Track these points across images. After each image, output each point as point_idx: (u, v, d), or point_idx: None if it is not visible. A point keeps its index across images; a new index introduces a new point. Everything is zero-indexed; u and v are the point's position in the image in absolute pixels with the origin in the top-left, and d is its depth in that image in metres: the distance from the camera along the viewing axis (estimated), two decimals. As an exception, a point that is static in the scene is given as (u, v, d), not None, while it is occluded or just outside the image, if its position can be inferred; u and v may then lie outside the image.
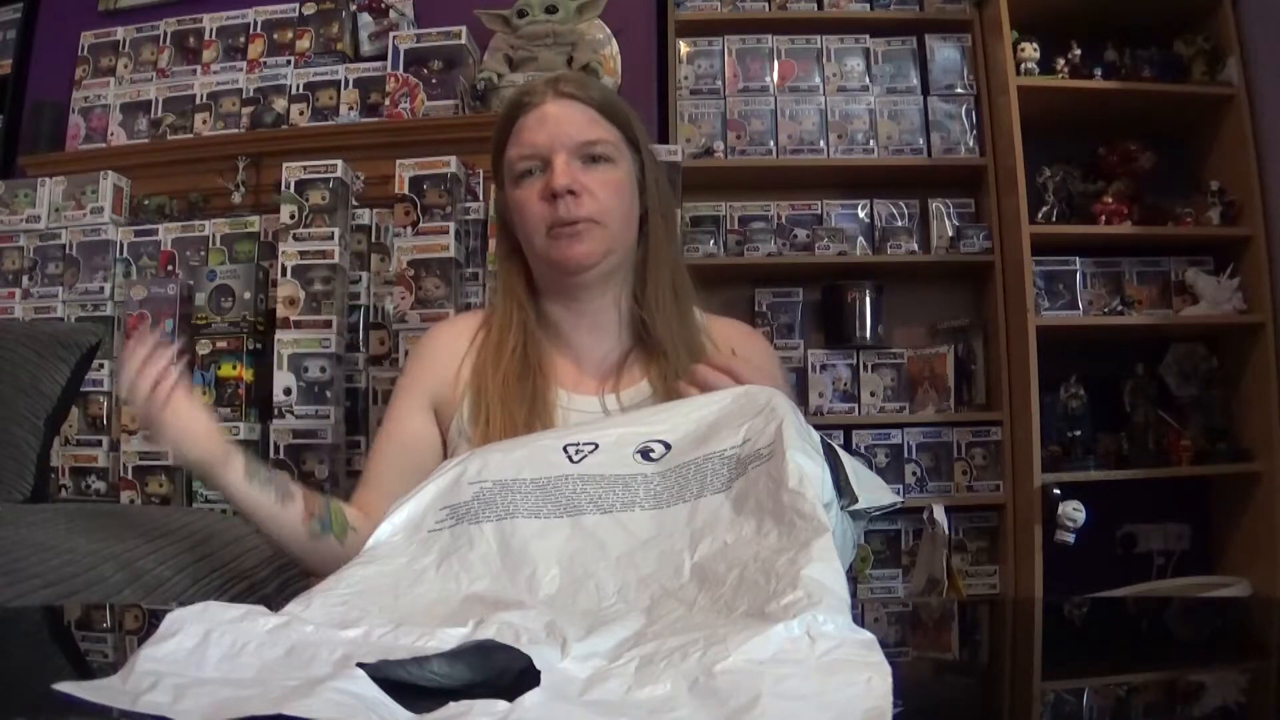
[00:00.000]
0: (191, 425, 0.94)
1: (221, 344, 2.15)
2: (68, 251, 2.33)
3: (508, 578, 0.58)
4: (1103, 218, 2.38)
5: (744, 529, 0.55)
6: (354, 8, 2.54)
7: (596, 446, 0.67)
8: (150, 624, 0.70)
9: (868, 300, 2.45)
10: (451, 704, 0.39)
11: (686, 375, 0.90)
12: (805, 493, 0.54)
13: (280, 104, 2.47)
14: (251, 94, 2.50)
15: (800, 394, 2.42)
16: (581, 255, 1.04)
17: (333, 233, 2.11)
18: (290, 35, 2.54)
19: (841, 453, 0.64)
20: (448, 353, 1.12)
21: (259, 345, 2.16)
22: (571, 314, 1.11)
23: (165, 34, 2.60)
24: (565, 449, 0.67)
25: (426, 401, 1.11)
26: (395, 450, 1.09)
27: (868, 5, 2.55)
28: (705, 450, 0.63)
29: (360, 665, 0.42)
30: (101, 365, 2.19)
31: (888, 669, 0.40)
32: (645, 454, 0.65)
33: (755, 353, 1.16)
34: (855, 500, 0.62)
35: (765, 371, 0.98)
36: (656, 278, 1.11)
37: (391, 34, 2.42)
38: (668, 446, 0.66)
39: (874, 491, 0.65)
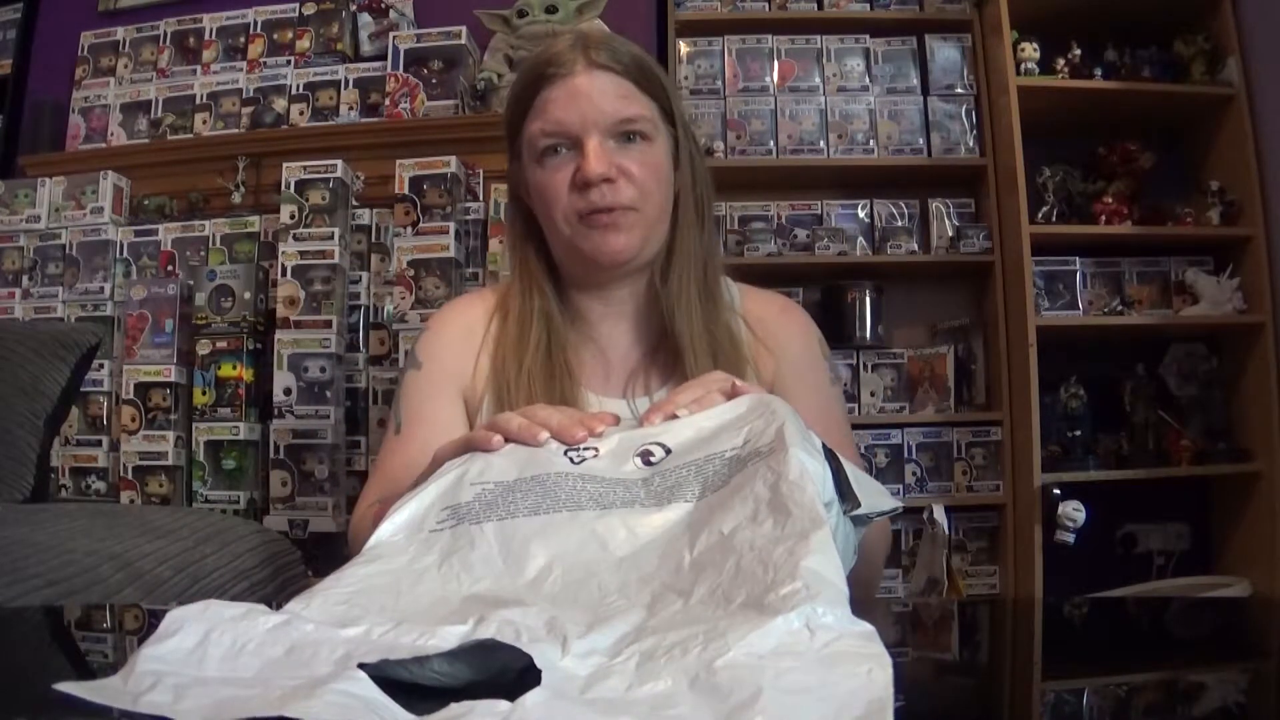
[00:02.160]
0: None
1: (221, 344, 2.15)
2: (68, 251, 2.33)
3: (509, 578, 0.57)
4: (1103, 218, 2.38)
5: (740, 518, 0.55)
6: (354, 8, 2.54)
7: (597, 452, 0.67)
8: (150, 624, 0.70)
9: (868, 300, 2.45)
10: (453, 704, 0.39)
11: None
12: (805, 486, 0.54)
13: (280, 104, 2.47)
14: (251, 94, 2.50)
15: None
16: (618, 249, 0.96)
17: (333, 233, 2.11)
18: (290, 35, 2.54)
19: (842, 459, 0.64)
20: (465, 342, 1.03)
21: (259, 345, 2.17)
22: (599, 303, 1.04)
23: (165, 34, 2.61)
24: (566, 453, 0.67)
25: (456, 394, 1.02)
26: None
27: (868, 5, 2.55)
28: (706, 452, 0.63)
29: (361, 665, 0.42)
30: (101, 365, 2.20)
31: (888, 660, 0.40)
32: (645, 457, 0.66)
33: (792, 332, 1.06)
34: (858, 504, 0.62)
35: (802, 361, 0.94)
36: (682, 270, 1.00)
37: (391, 34, 2.42)
38: (668, 450, 0.66)
39: (874, 496, 0.65)
